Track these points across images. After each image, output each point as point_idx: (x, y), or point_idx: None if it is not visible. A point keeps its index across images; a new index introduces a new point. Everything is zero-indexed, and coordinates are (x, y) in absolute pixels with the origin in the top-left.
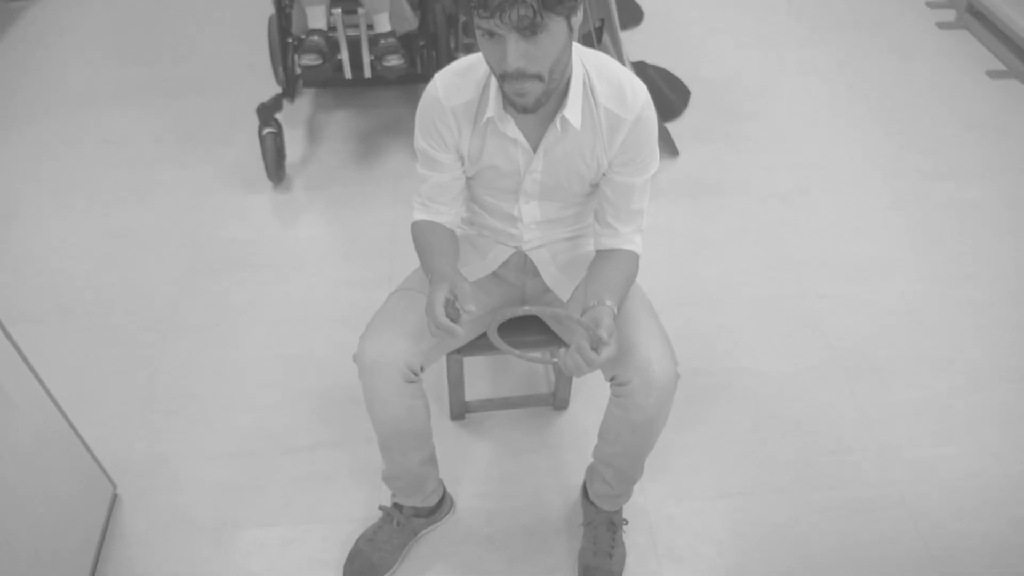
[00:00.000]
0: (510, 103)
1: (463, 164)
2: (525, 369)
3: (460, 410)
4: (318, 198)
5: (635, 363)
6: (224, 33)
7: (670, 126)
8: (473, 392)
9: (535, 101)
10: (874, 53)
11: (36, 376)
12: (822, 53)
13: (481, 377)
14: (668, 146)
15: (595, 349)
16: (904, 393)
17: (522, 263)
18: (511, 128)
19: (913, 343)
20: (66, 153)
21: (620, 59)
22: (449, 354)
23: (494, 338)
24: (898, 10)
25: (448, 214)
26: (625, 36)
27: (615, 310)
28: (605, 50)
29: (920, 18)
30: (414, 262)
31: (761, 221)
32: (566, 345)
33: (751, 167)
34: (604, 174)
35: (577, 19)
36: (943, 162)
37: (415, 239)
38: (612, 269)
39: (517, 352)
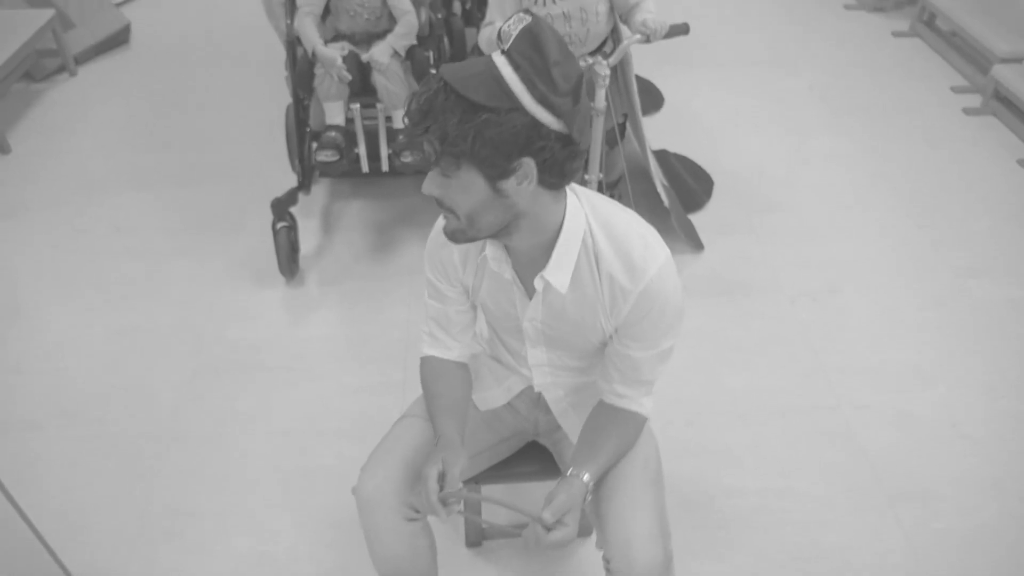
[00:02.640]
0: None
1: (468, 297)
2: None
3: (477, 537)
4: (331, 293)
5: (615, 542)
6: (241, 120)
7: (693, 218)
8: (491, 516)
9: (452, 234)
10: (899, 139)
11: (15, 505)
12: (846, 140)
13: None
14: (692, 240)
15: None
16: (952, 519)
17: (535, 397)
18: (506, 269)
19: (959, 461)
20: (76, 242)
21: (643, 151)
22: (466, 481)
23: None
24: (922, 95)
25: (457, 348)
26: (645, 121)
27: (590, 486)
28: (628, 143)
29: (945, 103)
30: None
31: (791, 323)
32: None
33: (778, 263)
34: (611, 337)
35: (519, 187)
36: (978, 257)
37: (422, 380)
38: (606, 432)
39: (485, 521)
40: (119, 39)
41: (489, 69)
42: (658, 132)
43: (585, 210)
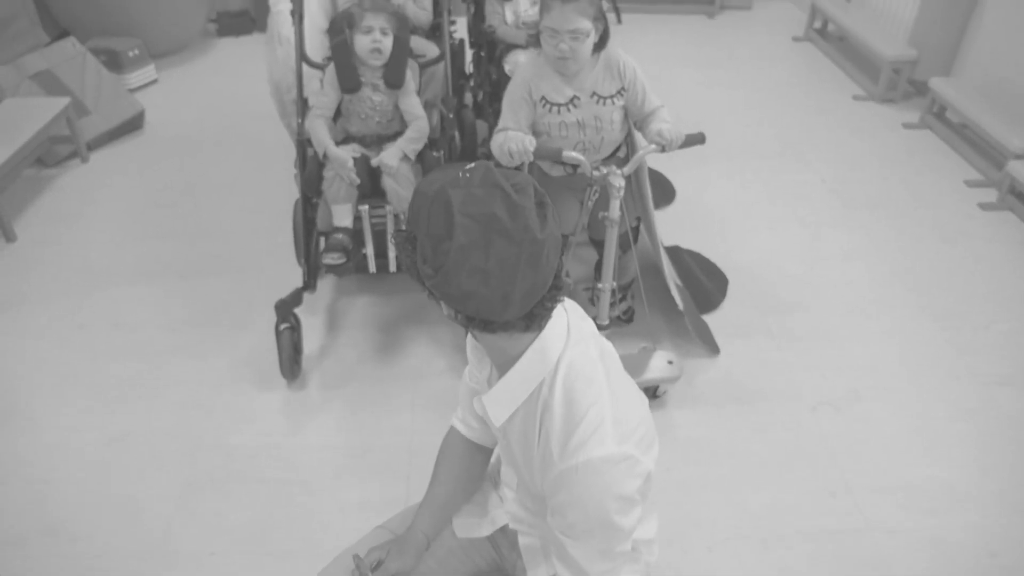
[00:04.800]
0: None
1: None
2: None
3: None
4: (334, 398)
5: None
6: (251, 210)
7: (708, 318)
8: None
9: None
10: (916, 235)
11: None
12: (861, 235)
13: None
14: (708, 343)
15: None
16: None
17: (515, 538)
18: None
19: None
20: (74, 338)
21: (655, 249)
22: None
23: None
24: (936, 188)
25: (479, 429)
26: (657, 215)
27: None
28: (643, 249)
29: (960, 198)
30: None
31: (812, 434)
32: None
33: (797, 367)
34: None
35: (445, 314)
36: (1005, 365)
37: (439, 451)
38: None
39: None
40: (133, 125)
41: (430, 196)
42: (670, 226)
43: (561, 359)
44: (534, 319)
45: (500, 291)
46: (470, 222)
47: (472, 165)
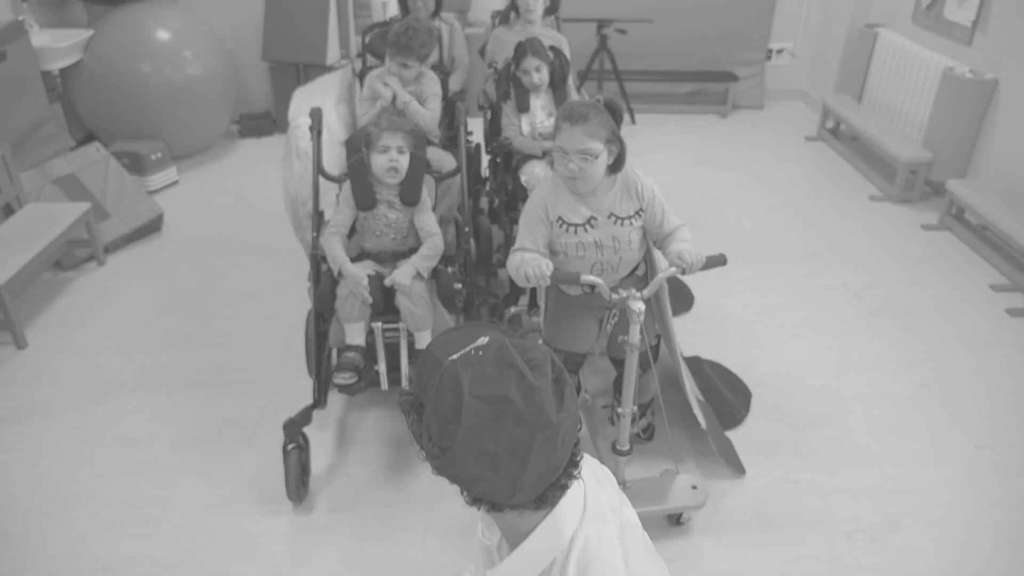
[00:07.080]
0: None
1: None
2: None
3: None
4: (341, 522)
5: None
6: (264, 318)
7: (732, 435)
8: None
9: None
10: (944, 345)
11: None
12: (887, 343)
13: None
14: (732, 463)
15: None
16: None
17: None
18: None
19: None
20: (78, 454)
21: (675, 363)
22: None
23: None
24: (961, 293)
25: None
26: (676, 322)
27: None
28: (662, 359)
29: (987, 303)
30: None
31: (848, 566)
32: None
33: (828, 490)
34: None
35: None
36: None
37: None
38: None
39: None
40: (152, 227)
41: (441, 367)
42: (689, 335)
43: (576, 537)
44: (546, 499)
45: (510, 475)
46: (480, 404)
47: (486, 341)
